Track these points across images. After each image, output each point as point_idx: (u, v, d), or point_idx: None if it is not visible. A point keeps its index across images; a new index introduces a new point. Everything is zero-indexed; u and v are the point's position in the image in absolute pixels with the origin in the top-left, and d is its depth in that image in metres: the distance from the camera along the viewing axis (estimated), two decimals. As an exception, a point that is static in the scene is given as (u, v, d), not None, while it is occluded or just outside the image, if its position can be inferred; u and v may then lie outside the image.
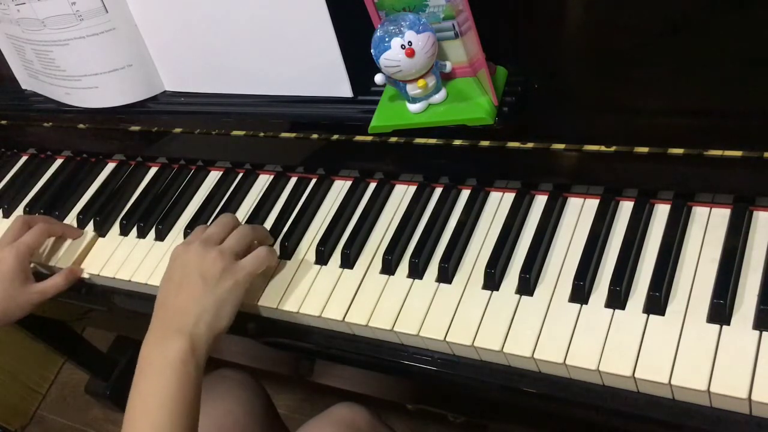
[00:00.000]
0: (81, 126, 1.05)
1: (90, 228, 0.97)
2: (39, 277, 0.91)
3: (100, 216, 0.96)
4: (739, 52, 0.68)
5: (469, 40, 0.73)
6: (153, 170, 1.02)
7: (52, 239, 0.96)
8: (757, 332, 0.59)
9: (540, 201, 0.76)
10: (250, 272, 0.74)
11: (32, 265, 0.95)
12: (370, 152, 0.84)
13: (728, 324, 0.61)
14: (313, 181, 0.89)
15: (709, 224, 0.68)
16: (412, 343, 0.72)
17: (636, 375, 0.60)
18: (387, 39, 0.72)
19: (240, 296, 0.72)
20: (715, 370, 0.58)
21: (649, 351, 0.61)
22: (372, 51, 0.73)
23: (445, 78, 0.78)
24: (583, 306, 0.66)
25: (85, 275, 0.92)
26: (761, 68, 0.67)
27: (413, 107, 0.77)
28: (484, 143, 0.76)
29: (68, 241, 0.96)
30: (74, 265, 0.92)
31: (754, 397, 0.56)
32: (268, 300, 0.78)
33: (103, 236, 0.95)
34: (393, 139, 0.81)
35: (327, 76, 0.84)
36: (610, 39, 0.75)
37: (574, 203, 0.75)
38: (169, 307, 0.71)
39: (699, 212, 0.69)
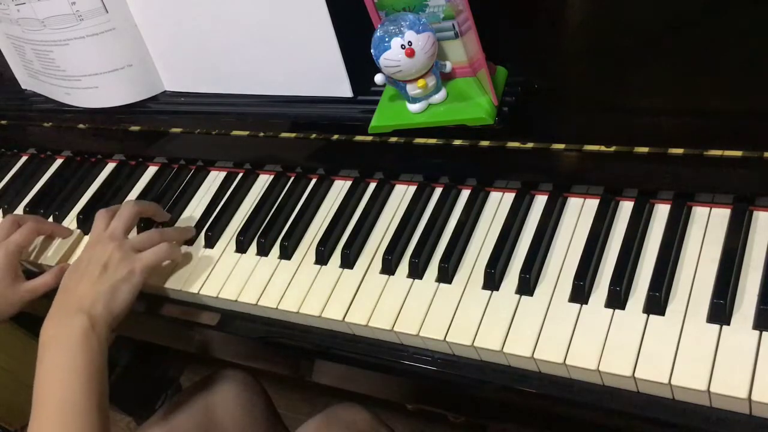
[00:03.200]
0: (81, 126, 1.05)
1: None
2: (29, 275, 0.91)
3: (100, 216, 0.96)
4: (739, 52, 0.68)
5: (469, 40, 0.73)
6: (153, 170, 1.01)
7: (41, 238, 0.96)
8: (757, 332, 0.59)
9: (540, 201, 0.76)
10: (146, 264, 0.79)
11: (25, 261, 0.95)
12: (370, 152, 0.84)
13: (728, 324, 0.61)
14: (313, 181, 0.89)
15: (709, 224, 0.68)
16: (412, 343, 0.72)
17: (636, 375, 0.60)
18: (387, 39, 0.72)
19: (136, 283, 0.77)
20: (715, 370, 0.58)
21: (649, 351, 0.61)
22: (372, 51, 0.73)
23: (445, 78, 0.78)
24: (583, 306, 0.66)
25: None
26: (761, 68, 0.67)
27: (413, 107, 0.77)
28: (484, 143, 0.76)
29: (58, 240, 0.96)
30: (63, 263, 0.92)
31: (754, 397, 0.56)
32: (268, 300, 0.78)
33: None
34: (393, 139, 0.81)
35: (327, 76, 0.84)
36: (610, 39, 0.75)
37: (574, 203, 0.75)
38: (69, 293, 0.76)
39: (699, 212, 0.69)
